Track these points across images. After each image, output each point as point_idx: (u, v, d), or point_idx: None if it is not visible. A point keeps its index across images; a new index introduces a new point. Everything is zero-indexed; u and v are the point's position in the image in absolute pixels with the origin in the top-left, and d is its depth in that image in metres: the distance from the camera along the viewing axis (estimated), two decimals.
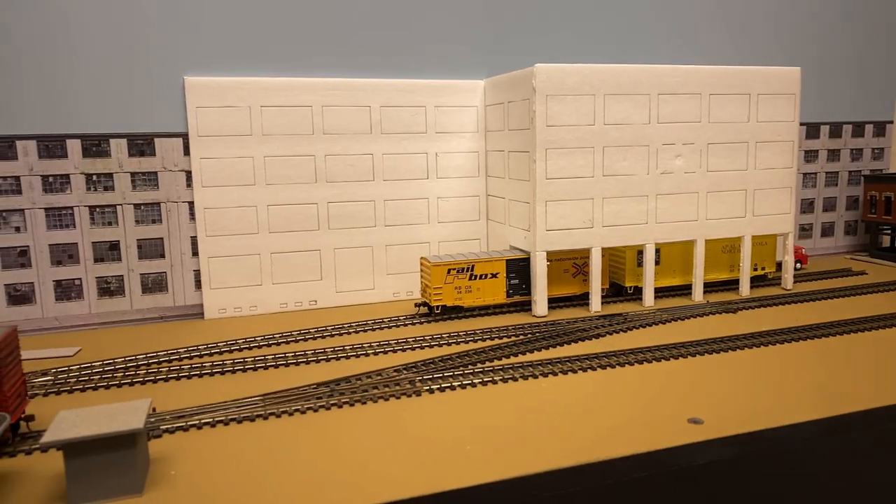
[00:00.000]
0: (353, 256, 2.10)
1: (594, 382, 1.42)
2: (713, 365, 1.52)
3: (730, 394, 1.34)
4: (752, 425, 1.18)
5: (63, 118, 1.84)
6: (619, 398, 1.33)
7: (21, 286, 1.84)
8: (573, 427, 1.20)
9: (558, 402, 1.31)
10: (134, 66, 1.88)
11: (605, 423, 1.21)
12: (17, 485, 1.03)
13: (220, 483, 1.03)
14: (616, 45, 2.36)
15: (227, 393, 1.37)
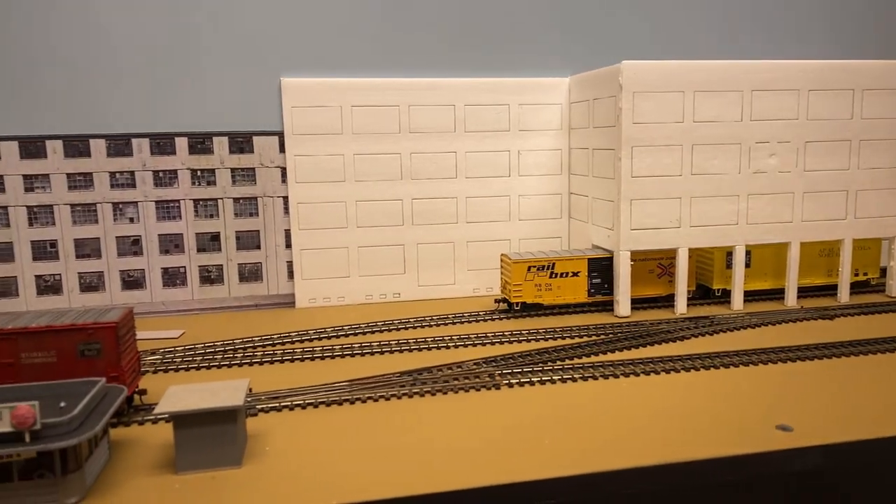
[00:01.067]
0: (436, 252, 2.15)
1: (677, 384, 1.40)
2: (806, 372, 1.45)
3: (822, 403, 1.28)
4: (844, 435, 1.13)
5: (172, 118, 1.99)
6: (704, 401, 1.30)
7: (133, 272, 2.01)
8: (654, 427, 1.19)
9: (639, 403, 1.30)
10: (236, 69, 2.00)
11: (688, 424, 1.20)
12: (131, 451, 1.14)
13: (309, 460, 1.09)
14: (707, 40, 2.28)
15: (317, 377, 1.45)
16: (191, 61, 1.98)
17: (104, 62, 1.93)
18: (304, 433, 1.19)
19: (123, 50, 1.93)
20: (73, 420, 0.98)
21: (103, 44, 1.92)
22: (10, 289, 1.93)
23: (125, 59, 1.94)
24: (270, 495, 0.99)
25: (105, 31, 1.92)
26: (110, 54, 1.93)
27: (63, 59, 1.91)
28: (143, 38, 1.94)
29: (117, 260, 1.99)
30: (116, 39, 1.93)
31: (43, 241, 1.94)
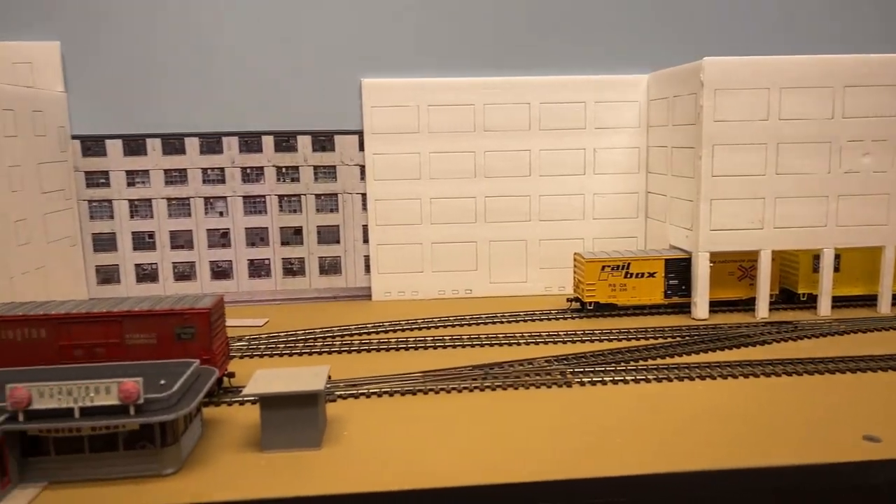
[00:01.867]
0: (508, 249, 2.17)
1: (756, 389, 1.36)
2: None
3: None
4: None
5: (260, 117, 2.09)
6: (785, 407, 1.26)
7: (222, 263, 2.14)
8: (730, 431, 1.17)
9: (715, 406, 1.28)
10: (320, 71, 2.09)
11: (765, 430, 1.16)
12: (220, 429, 1.22)
13: (384, 446, 1.14)
14: (793, 35, 2.19)
15: (391, 367, 1.50)
16: (277, 64, 2.08)
17: (199, 66, 2.06)
18: (380, 420, 1.24)
19: (217, 54, 2.06)
20: (171, 397, 1.06)
21: (198, 49, 2.05)
22: (113, 276, 2.10)
23: (218, 63, 2.06)
24: (348, 477, 1.04)
25: (200, 37, 2.05)
26: (205, 58, 2.05)
27: (162, 63, 2.05)
28: (234, 42, 2.06)
29: (207, 251, 2.12)
30: (210, 44, 2.05)
31: (142, 233, 2.09)
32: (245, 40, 2.06)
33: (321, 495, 0.99)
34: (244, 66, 2.07)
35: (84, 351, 1.28)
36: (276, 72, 2.08)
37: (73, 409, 1.01)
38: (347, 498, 0.99)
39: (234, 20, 2.05)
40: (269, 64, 2.08)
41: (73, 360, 1.27)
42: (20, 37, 1.98)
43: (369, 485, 1.01)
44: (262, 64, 2.07)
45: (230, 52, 2.06)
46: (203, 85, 2.07)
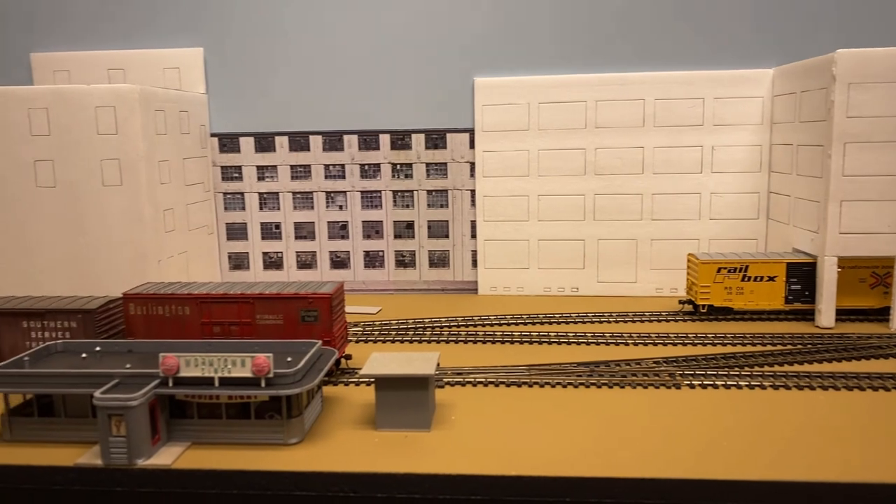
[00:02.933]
0: (617, 248, 2.14)
1: (883, 403, 1.27)
2: None
3: None
4: None
5: (378, 117, 2.20)
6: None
7: (340, 254, 2.26)
8: (849, 443, 1.10)
9: (835, 417, 1.21)
10: (434, 71, 2.16)
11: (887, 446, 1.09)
12: (338, 406, 1.31)
13: (490, 433, 1.18)
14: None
15: (497, 359, 1.54)
16: (395, 66, 2.17)
17: (323, 69, 2.19)
18: (485, 408, 1.28)
19: (339, 57, 2.18)
20: (297, 373, 1.15)
21: (322, 53, 2.18)
22: (243, 262, 2.28)
23: (340, 66, 2.18)
24: (455, 459, 1.09)
25: (324, 43, 2.18)
26: (328, 61, 2.18)
27: (291, 67, 2.20)
28: (356, 46, 2.17)
29: (327, 242, 2.26)
30: (333, 48, 2.18)
31: (269, 224, 2.26)
32: (365, 44, 2.17)
33: (431, 474, 1.04)
34: (364, 69, 2.18)
35: (221, 328, 1.42)
36: (393, 73, 2.17)
37: (213, 379, 1.13)
38: (456, 478, 1.04)
39: (355, 26, 2.16)
40: (388, 66, 2.17)
41: (212, 335, 1.41)
42: (170, 45, 2.20)
43: (475, 468, 1.05)
44: (380, 66, 2.18)
45: (352, 56, 2.18)
46: (327, 87, 2.20)
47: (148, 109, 1.83)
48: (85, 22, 2.23)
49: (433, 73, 2.16)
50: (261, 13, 2.18)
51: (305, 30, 2.18)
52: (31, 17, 2.25)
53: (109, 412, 1.07)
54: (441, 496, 1.04)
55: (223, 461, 1.10)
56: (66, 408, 1.17)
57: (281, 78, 2.21)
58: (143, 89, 1.81)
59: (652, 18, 2.09)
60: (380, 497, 1.05)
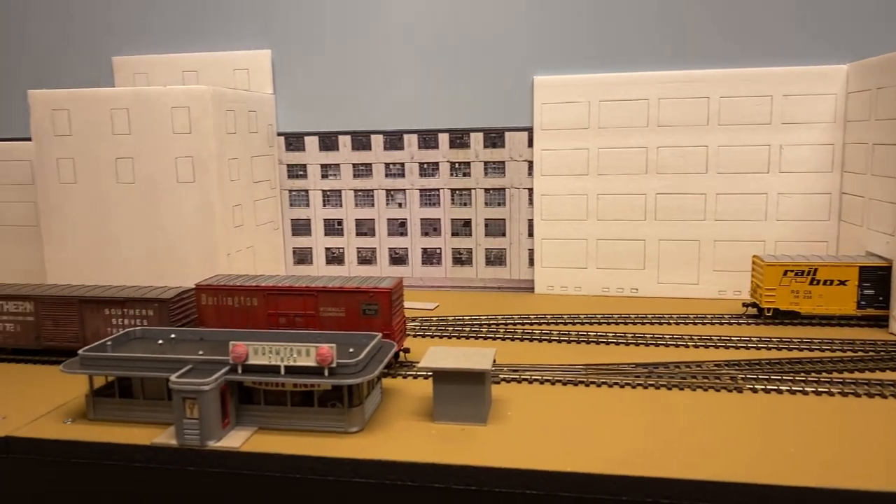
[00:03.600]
0: (679, 249, 2.10)
1: None
2: None
3: None
4: None
5: (437, 116, 2.23)
6: None
7: (399, 250, 2.31)
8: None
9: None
10: (492, 69, 2.17)
11: None
12: (396, 398, 1.34)
13: (545, 429, 1.18)
14: None
15: (553, 358, 1.54)
16: (453, 65, 2.19)
17: (384, 69, 2.23)
18: (542, 405, 1.29)
19: (399, 58, 2.22)
20: (358, 363, 1.19)
21: (383, 54, 2.23)
22: (306, 257, 2.36)
23: (400, 66, 2.22)
24: (511, 453, 1.10)
25: (384, 44, 2.22)
26: (389, 62, 2.23)
27: (353, 68, 2.25)
28: (415, 46, 2.21)
29: (387, 239, 2.31)
30: (393, 49, 2.22)
31: (332, 220, 2.33)
32: (426, 44, 2.20)
33: (487, 467, 1.06)
34: (424, 69, 2.21)
35: (286, 319, 1.47)
36: (452, 73, 2.20)
37: (279, 367, 1.18)
38: (511, 472, 1.05)
39: (416, 26, 2.20)
40: (447, 66, 2.20)
41: (278, 326, 1.47)
42: (240, 47, 2.30)
43: (531, 463, 1.06)
44: (440, 66, 2.20)
45: (412, 56, 2.21)
46: (388, 87, 2.24)
47: (219, 109, 1.92)
48: (162, 27, 2.35)
49: (492, 72, 2.18)
50: (325, 16, 2.25)
51: (367, 31, 2.23)
52: (113, 24, 2.38)
53: (184, 395, 1.13)
54: (497, 489, 1.05)
55: (287, 446, 1.14)
56: (143, 390, 1.24)
57: (344, 78, 2.26)
58: (215, 90, 1.90)
59: (717, 14, 2.04)
60: (436, 487, 1.08)
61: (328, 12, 2.24)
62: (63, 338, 1.55)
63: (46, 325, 1.55)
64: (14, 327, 1.57)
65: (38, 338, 1.57)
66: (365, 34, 2.23)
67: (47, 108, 1.92)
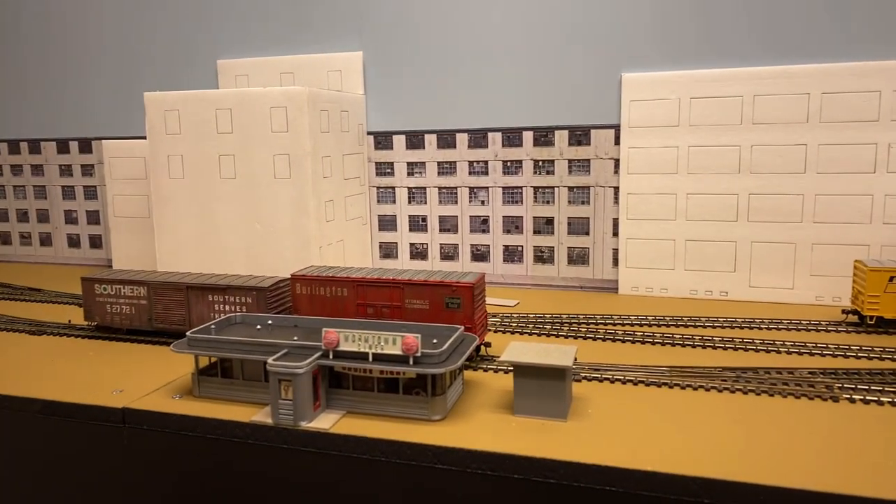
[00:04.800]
0: (773, 252, 2.01)
1: None
2: None
3: None
4: None
5: (522, 114, 2.24)
6: None
7: (481, 247, 2.34)
8: None
9: None
10: (579, 67, 2.16)
11: None
12: (477, 391, 1.37)
13: (626, 428, 1.18)
14: None
15: (635, 358, 1.52)
16: (538, 62, 2.20)
17: (470, 68, 2.27)
18: (623, 404, 1.28)
19: (485, 56, 2.25)
20: (441, 354, 1.23)
21: (469, 53, 2.26)
22: (392, 252, 2.43)
23: (486, 65, 2.25)
24: (591, 448, 1.10)
25: (471, 43, 2.25)
26: (475, 61, 2.26)
27: (439, 68, 2.30)
28: (501, 45, 2.23)
29: (469, 236, 2.34)
30: (479, 48, 2.25)
31: (417, 216, 2.39)
32: (511, 42, 2.22)
33: (567, 461, 1.07)
34: (509, 67, 2.23)
35: (374, 310, 1.54)
36: (538, 70, 2.20)
37: (367, 354, 1.24)
38: (591, 468, 1.06)
39: (501, 25, 2.22)
40: (532, 63, 2.21)
41: (366, 316, 1.54)
42: (334, 49, 2.40)
43: (611, 460, 1.06)
44: (525, 63, 2.21)
45: (497, 54, 2.24)
46: (473, 86, 2.28)
47: (314, 109, 2.01)
48: (262, 33, 2.49)
49: (578, 70, 2.17)
50: (414, 19, 2.31)
51: (452, 31, 2.27)
52: (218, 30, 2.55)
53: (280, 377, 1.21)
54: (576, 483, 1.06)
55: (373, 430, 1.20)
56: (243, 371, 1.34)
57: (431, 79, 2.32)
58: (311, 91, 1.99)
59: (817, 4, 1.94)
60: (516, 478, 1.10)
61: (417, 15, 2.30)
62: (172, 320, 1.68)
63: (158, 309, 1.69)
64: (130, 310, 1.72)
65: (150, 320, 1.71)
66: (452, 35, 2.28)
67: (160, 108, 2.08)
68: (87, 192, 2.84)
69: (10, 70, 2.89)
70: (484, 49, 2.25)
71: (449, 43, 2.28)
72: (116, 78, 2.73)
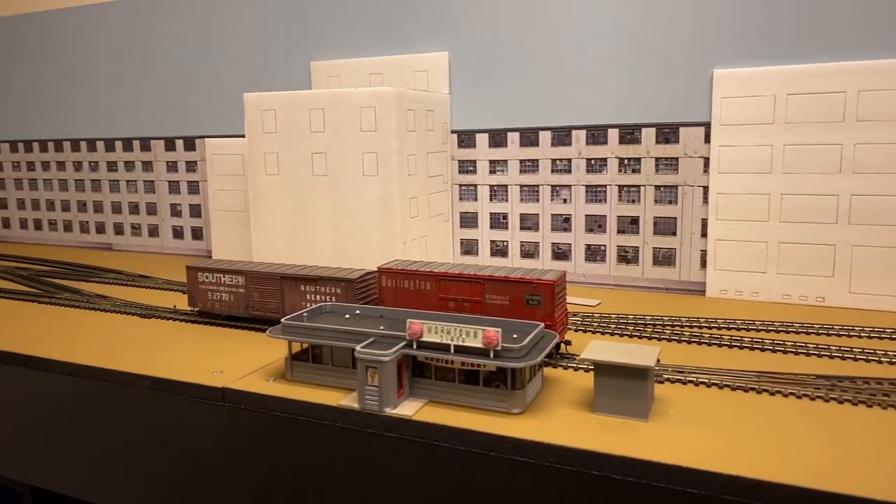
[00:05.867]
0: (878, 257, 1.90)
1: None
2: None
3: None
4: None
5: (607, 112, 2.21)
6: None
7: (562, 246, 2.33)
8: None
9: None
10: (666, 63, 2.11)
11: None
12: (556, 388, 1.38)
13: (710, 430, 1.16)
14: None
15: (722, 362, 1.48)
16: (625, 59, 2.16)
17: (554, 67, 2.26)
18: (707, 408, 1.26)
19: (569, 54, 2.24)
20: (521, 349, 1.25)
21: (552, 52, 2.26)
22: (472, 248, 2.47)
23: (570, 62, 2.24)
24: (672, 450, 1.09)
25: (553, 43, 2.25)
26: (558, 60, 2.25)
27: (523, 68, 2.31)
28: (586, 42, 2.21)
29: (550, 234, 2.34)
30: (562, 46, 2.24)
31: (498, 214, 2.41)
32: (596, 40, 2.20)
33: (648, 460, 1.07)
34: (595, 64, 2.21)
35: (455, 304, 1.58)
36: (624, 68, 2.17)
37: (449, 346, 1.28)
38: (672, 468, 1.05)
39: (585, 21, 2.20)
40: (619, 60, 2.18)
41: (447, 309, 1.58)
42: (421, 50, 2.46)
43: (693, 462, 1.05)
44: (611, 60, 2.19)
45: (583, 52, 2.22)
46: (557, 83, 2.27)
47: (401, 109, 2.07)
48: (352, 34, 2.58)
49: (667, 66, 2.12)
50: (498, 19, 2.33)
51: (537, 29, 2.27)
52: (311, 33, 2.67)
53: (367, 364, 1.27)
54: (656, 483, 1.06)
55: (454, 419, 1.23)
56: (332, 358, 1.41)
57: (514, 77, 2.33)
58: (398, 91, 2.05)
59: None
60: (594, 475, 1.10)
61: (502, 14, 2.32)
62: (267, 308, 1.79)
63: (254, 297, 1.80)
64: (229, 297, 1.84)
65: (247, 307, 1.82)
66: (537, 33, 2.28)
67: (258, 108, 2.21)
68: (190, 187, 3.05)
69: (126, 77, 3.14)
70: (569, 46, 2.24)
71: (533, 41, 2.29)
72: (218, 80, 2.91)
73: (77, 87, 3.27)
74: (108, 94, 3.19)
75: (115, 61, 3.15)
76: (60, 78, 3.31)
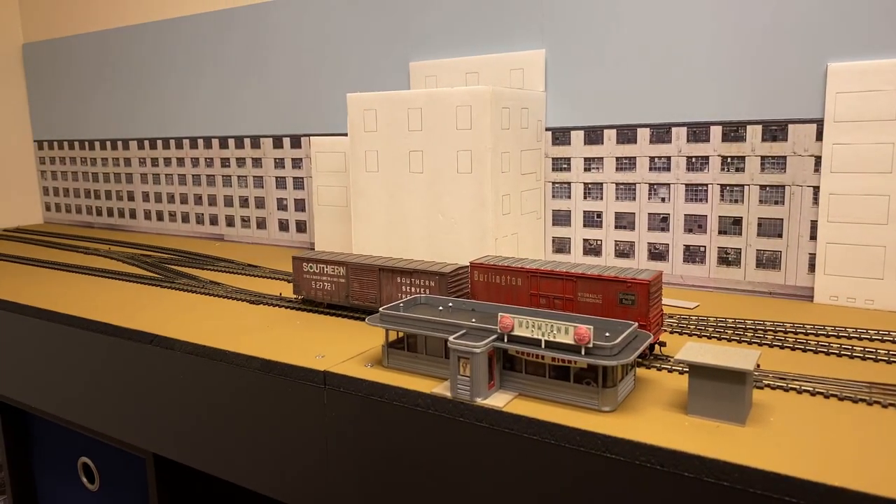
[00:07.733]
0: None
1: None
2: None
3: None
4: None
5: (710, 107, 2.14)
6: None
7: (659, 246, 2.28)
8: None
9: None
10: (774, 56, 2.01)
11: None
12: (649, 388, 1.37)
13: (812, 441, 1.11)
14: None
15: (828, 371, 1.41)
16: (730, 52, 2.08)
17: (652, 62, 2.21)
18: (810, 416, 1.21)
19: (669, 47, 2.18)
20: (614, 347, 1.25)
21: (652, 43, 2.20)
22: (564, 247, 2.46)
23: (669, 58, 2.18)
24: (769, 456, 1.06)
25: (653, 32, 2.20)
26: (657, 52, 2.20)
27: (619, 63, 2.27)
28: (683, 38, 2.14)
29: (647, 233, 2.30)
30: (659, 42, 2.18)
31: (591, 212, 2.39)
32: (698, 33, 2.13)
33: (743, 465, 1.04)
34: (697, 59, 2.14)
35: (546, 300, 1.59)
36: (729, 62, 2.09)
37: (540, 341, 1.30)
38: (769, 475, 1.02)
39: (687, 15, 2.13)
40: (723, 54, 2.10)
41: (538, 305, 1.59)
42: (517, 48, 2.47)
43: (792, 470, 1.02)
44: (715, 54, 2.11)
45: (684, 46, 2.16)
46: (656, 79, 2.22)
47: (496, 107, 2.10)
48: (449, 35, 2.64)
49: (775, 60, 2.02)
50: (595, 14, 2.30)
51: (636, 23, 2.23)
52: (410, 35, 2.75)
53: (459, 354, 1.31)
54: (751, 489, 1.03)
55: (544, 413, 1.25)
56: (426, 347, 1.46)
57: (612, 73, 2.30)
58: (494, 90, 2.08)
59: None
60: (686, 476, 1.09)
61: (599, 10, 2.30)
62: (365, 298, 1.87)
63: (354, 287, 1.89)
64: (331, 287, 1.95)
65: (347, 296, 1.92)
66: (635, 27, 2.24)
67: (360, 108, 2.30)
68: (295, 183, 3.22)
69: (238, 79, 3.36)
70: (669, 40, 2.19)
71: (632, 36, 2.25)
72: (322, 81, 3.05)
73: (195, 89, 3.53)
74: (223, 96, 3.43)
75: (229, 66, 3.37)
76: (178, 82, 3.59)
